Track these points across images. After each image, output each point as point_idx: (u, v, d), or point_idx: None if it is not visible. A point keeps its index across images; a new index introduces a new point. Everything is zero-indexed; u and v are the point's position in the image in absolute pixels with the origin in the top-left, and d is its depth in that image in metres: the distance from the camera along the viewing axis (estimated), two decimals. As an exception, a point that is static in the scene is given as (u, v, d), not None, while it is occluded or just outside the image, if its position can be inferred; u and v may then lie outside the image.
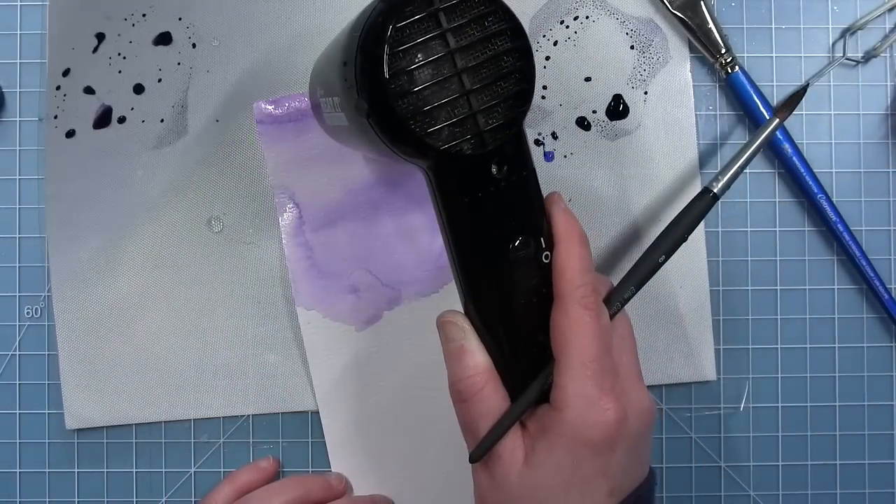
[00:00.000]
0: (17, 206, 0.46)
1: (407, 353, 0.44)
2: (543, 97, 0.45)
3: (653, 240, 0.37)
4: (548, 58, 0.45)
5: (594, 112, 0.45)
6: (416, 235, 0.44)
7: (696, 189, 0.45)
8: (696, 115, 0.45)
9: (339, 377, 0.44)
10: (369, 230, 0.44)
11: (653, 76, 0.45)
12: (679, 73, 0.45)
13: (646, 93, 0.45)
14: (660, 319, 0.45)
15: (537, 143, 0.45)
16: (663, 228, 0.37)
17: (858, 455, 0.45)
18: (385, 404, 0.44)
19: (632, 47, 0.45)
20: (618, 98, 0.45)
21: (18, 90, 0.46)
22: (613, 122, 0.45)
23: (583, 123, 0.45)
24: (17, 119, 0.46)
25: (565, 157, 0.45)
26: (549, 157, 0.45)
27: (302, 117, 0.44)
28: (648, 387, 0.44)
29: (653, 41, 0.45)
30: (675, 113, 0.45)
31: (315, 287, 0.44)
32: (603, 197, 0.45)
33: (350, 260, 0.44)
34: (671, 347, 0.45)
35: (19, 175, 0.46)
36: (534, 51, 0.45)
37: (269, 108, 0.44)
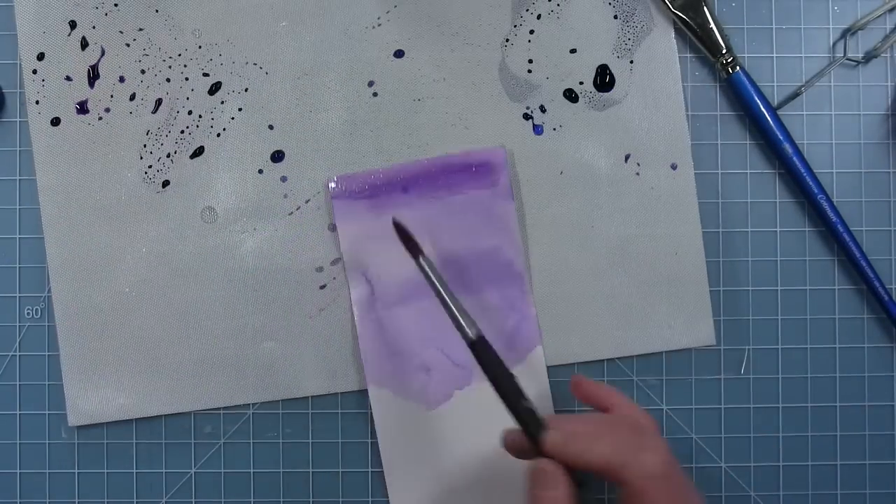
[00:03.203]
0: (17, 207, 0.46)
1: (478, 433, 0.44)
2: (530, 71, 0.45)
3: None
4: (532, 31, 0.45)
5: (581, 83, 0.45)
6: (488, 315, 0.44)
7: (686, 157, 0.45)
8: (682, 84, 0.45)
9: (409, 455, 0.44)
10: (441, 308, 0.43)
11: (637, 45, 0.45)
12: (663, 40, 0.45)
13: (631, 62, 0.45)
14: (656, 286, 0.45)
15: (526, 117, 0.45)
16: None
17: (859, 455, 0.45)
18: (456, 485, 0.44)
19: (615, 17, 0.45)
20: (604, 68, 0.45)
21: (18, 90, 0.46)
22: (601, 93, 0.45)
23: (570, 95, 0.45)
24: (17, 119, 0.46)
25: (554, 129, 0.45)
26: (538, 130, 0.45)
27: (377, 194, 0.44)
28: (648, 355, 0.45)
29: (636, 10, 0.45)
30: (661, 80, 0.45)
31: (386, 366, 0.44)
32: (594, 168, 0.45)
33: (421, 339, 0.44)
34: (669, 313, 0.45)
35: (19, 175, 0.46)
36: (517, 25, 0.45)
37: (346, 183, 0.44)
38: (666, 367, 0.45)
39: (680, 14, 0.44)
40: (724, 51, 0.44)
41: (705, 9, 0.44)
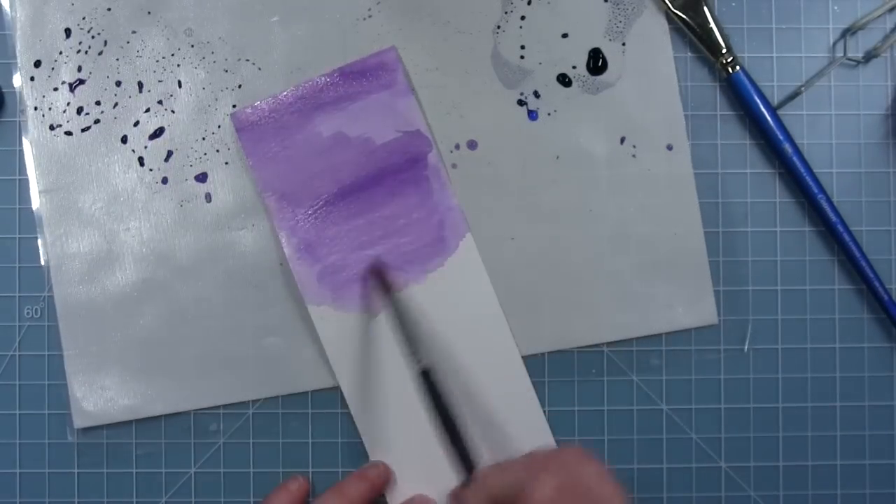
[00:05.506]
0: (17, 206, 0.46)
1: (425, 330, 0.44)
2: (522, 57, 0.45)
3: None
4: (523, 17, 0.45)
5: (574, 67, 0.45)
6: (412, 214, 0.45)
7: (682, 137, 0.45)
8: (674, 60, 0.45)
9: (363, 366, 0.44)
10: (366, 217, 0.45)
11: (629, 27, 0.45)
12: (655, 21, 0.46)
13: (623, 44, 0.45)
14: (656, 267, 0.45)
15: (520, 103, 0.45)
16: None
17: (859, 455, 0.45)
18: (412, 387, 0.44)
19: (605, 0, 0.45)
20: (596, 52, 0.45)
21: (18, 94, 0.45)
22: (594, 76, 0.45)
23: (564, 80, 0.45)
24: (18, 119, 0.46)
25: (549, 114, 0.45)
26: (532, 116, 0.45)
27: (280, 117, 0.45)
28: (649, 336, 0.45)
29: None
30: (654, 62, 0.46)
31: (322, 283, 0.44)
32: (591, 151, 0.45)
33: (352, 250, 0.44)
34: (670, 293, 0.45)
35: (19, 175, 0.46)
36: (508, 11, 0.45)
37: (248, 114, 0.45)
38: (666, 366, 0.45)
39: (680, 14, 0.44)
40: (724, 51, 0.44)
41: (705, 9, 0.44)
